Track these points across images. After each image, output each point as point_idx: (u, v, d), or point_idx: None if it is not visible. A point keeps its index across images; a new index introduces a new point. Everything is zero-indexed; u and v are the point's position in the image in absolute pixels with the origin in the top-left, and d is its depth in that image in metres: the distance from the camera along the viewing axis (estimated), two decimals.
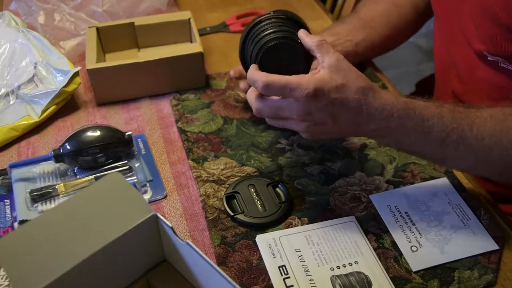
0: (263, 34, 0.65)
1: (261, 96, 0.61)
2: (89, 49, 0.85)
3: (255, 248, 0.63)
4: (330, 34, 0.83)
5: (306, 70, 0.63)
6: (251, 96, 0.63)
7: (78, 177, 0.72)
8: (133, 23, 0.93)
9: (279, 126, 0.64)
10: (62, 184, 0.69)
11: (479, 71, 0.74)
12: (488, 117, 0.59)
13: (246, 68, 0.72)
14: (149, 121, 0.83)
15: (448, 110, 0.60)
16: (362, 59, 0.89)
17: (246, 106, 0.84)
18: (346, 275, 0.59)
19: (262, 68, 0.63)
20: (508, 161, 0.59)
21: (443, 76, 0.89)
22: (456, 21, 0.75)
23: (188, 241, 0.48)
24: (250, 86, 0.68)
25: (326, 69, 0.59)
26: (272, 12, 0.67)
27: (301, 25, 0.66)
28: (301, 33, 0.64)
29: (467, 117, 0.59)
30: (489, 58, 0.70)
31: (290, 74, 0.59)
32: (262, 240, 0.63)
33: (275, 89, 0.59)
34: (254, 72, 0.61)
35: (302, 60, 0.64)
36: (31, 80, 0.83)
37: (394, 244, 0.63)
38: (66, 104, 0.84)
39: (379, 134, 0.61)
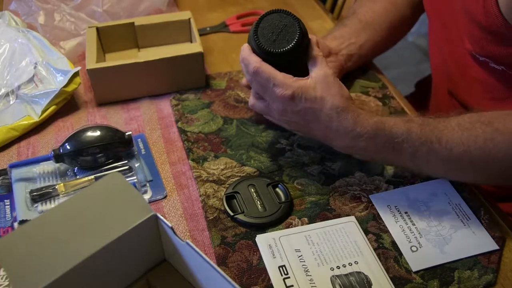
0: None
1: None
2: (89, 49, 0.85)
3: (255, 248, 0.63)
4: (333, 38, 0.84)
5: (301, 33, 0.64)
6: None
7: (78, 177, 0.72)
8: (133, 23, 0.93)
9: (260, 108, 0.69)
10: (62, 184, 0.69)
11: (471, 71, 0.74)
12: (456, 126, 0.61)
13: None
14: (149, 121, 0.83)
15: (417, 124, 0.63)
16: (366, 60, 0.89)
17: (246, 106, 0.84)
18: (346, 275, 0.59)
19: (260, 45, 0.64)
20: (478, 167, 0.62)
21: (438, 75, 0.89)
22: (453, 21, 0.75)
23: (188, 241, 0.48)
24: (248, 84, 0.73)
25: (313, 79, 0.63)
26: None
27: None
28: (313, 40, 0.66)
29: (436, 128, 0.62)
30: (480, 59, 0.71)
31: (288, 39, 0.63)
32: (262, 240, 0.63)
33: (261, 78, 0.63)
34: (250, 54, 0.65)
35: (295, 21, 0.64)
36: (31, 80, 0.83)
37: (394, 244, 0.63)
38: (66, 104, 0.84)
39: (349, 151, 0.66)
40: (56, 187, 0.69)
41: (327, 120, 0.63)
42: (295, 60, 0.66)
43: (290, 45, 0.63)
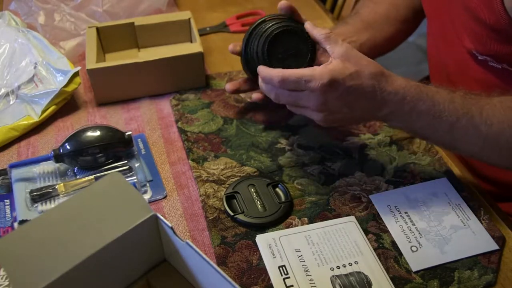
0: (268, 27, 0.66)
1: None
2: (89, 49, 0.85)
3: (255, 248, 0.63)
4: (334, 35, 0.84)
5: (311, 60, 0.65)
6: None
7: (78, 177, 0.72)
8: (133, 23, 0.93)
9: (298, 113, 0.66)
10: (62, 184, 0.69)
11: (470, 71, 0.74)
12: (497, 103, 0.60)
13: (249, 68, 0.74)
14: (149, 121, 0.83)
15: (459, 96, 0.61)
16: None
17: (246, 106, 0.84)
18: (346, 275, 0.59)
19: (269, 59, 0.65)
20: None
21: (436, 76, 0.90)
22: (450, 20, 0.75)
23: (188, 241, 0.48)
24: (235, 88, 0.78)
25: (338, 59, 0.60)
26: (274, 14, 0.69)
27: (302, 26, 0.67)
28: (308, 25, 0.66)
29: (478, 103, 0.60)
30: (479, 58, 0.71)
31: (296, 65, 0.63)
32: (262, 240, 0.63)
33: (291, 82, 0.61)
34: (266, 69, 0.63)
35: (308, 49, 0.64)
36: (31, 80, 0.83)
37: (394, 244, 0.63)
38: (66, 104, 0.84)
39: (392, 117, 0.63)
40: (56, 187, 0.69)
41: (370, 91, 0.60)
42: None
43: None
